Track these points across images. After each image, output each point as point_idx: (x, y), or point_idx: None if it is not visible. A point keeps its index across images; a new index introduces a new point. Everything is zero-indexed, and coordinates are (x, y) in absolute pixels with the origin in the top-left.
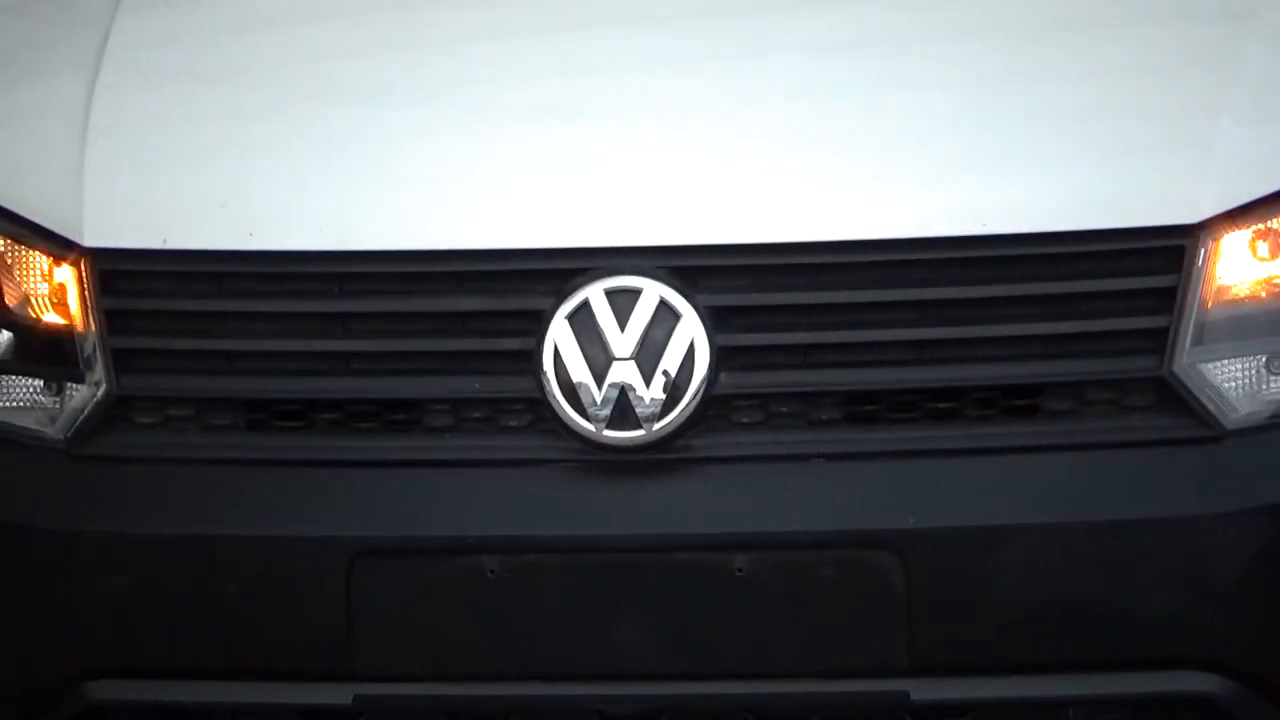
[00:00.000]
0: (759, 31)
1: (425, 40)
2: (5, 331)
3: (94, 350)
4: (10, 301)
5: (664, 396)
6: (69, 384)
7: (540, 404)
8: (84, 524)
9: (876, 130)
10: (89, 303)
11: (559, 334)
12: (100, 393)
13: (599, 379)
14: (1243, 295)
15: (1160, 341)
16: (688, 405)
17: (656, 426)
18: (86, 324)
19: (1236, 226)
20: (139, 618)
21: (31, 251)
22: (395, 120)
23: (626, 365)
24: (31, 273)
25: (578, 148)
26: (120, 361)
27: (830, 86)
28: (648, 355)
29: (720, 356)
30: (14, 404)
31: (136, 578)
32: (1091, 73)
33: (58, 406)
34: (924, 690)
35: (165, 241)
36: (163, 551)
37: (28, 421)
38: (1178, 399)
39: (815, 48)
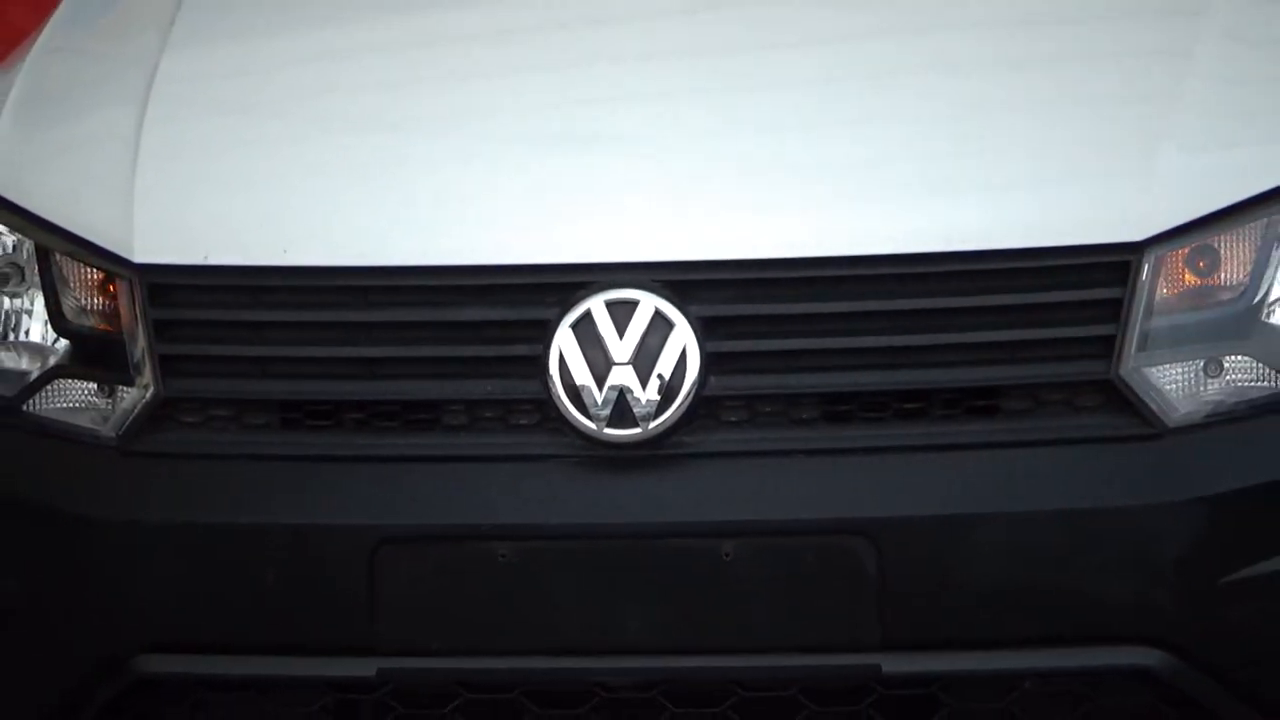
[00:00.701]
0: (742, 70)
1: (446, 76)
2: (63, 339)
3: (143, 356)
4: (68, 313)
5: (658, 398)
6: (120, 387)
7: (546, 405)
8: (134, 514)
9: (850, 158)
10: (138, 313)
11: (564, 341)
12: (148, 395)
13: (599, 382)
14: (1182, 306)
15: (1108, 348)
16: (680, 406)
17: (652, 425)
18: (136, 332)
19: (1177, 244)
20: (184, 598)
21: (87, 268)
22: (417, 149)
23: (625, 370)
24: (87, 287)
25: (580, 173)
26: (167, 366)
27: (807, 118)
28: (644, 360)
29: (709, 362)
30: (71, 405)
31: (182, 562)
32: (1046, 104)
33: (110, 407)
34: (894, 663)
35: (207, 258)
36: (205, 538)
37: (83, 421)
38: (1124, 400)
39: (793, 84)
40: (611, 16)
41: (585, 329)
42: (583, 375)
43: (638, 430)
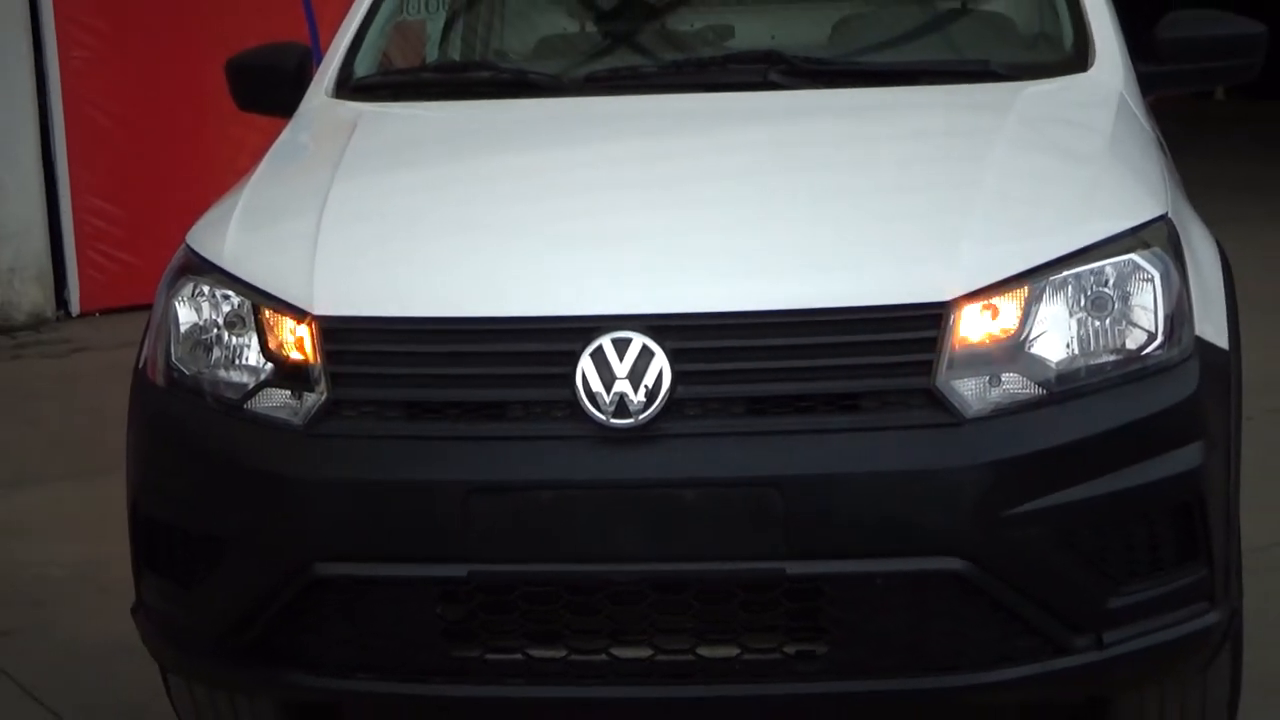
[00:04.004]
0: (694, 194)
1: (513, 195)
2: (269, 363)
3: (319, 374)
4: (273, 346)
5: (645, 400)
6: (304, 393)
7: (574, 405)
8: (314, 473)
9: (762, 248)
10: (316, 346)
11: (585, 365)
12: (323, 398)
13: (608, 390)
14: (975, 341)
15: (928, 368)
16: (659, 405)
17: (641, 418)
18: (315, 358)
19: (972, 302)
20: (346, 526)
21: (284, 317)
22: (494, 244)
23: (624, 382)
24: (284, 329)
25: (596, 260)
26: (335, 380)
27: (735, 223)
28: (636, 377)
29: (678, 378)
30: (274, 404)
31: (345, 503)
32: (889, 215)
33: (298, 406)
34: (794, 568)
35: (360, 311)
36: (360, 488)
37: (281, 414)
38: (938, 401)
39: (725, 203)
40: (616, 158)
41: (599, 357)
42: (597, 386)
43: (632, 421)
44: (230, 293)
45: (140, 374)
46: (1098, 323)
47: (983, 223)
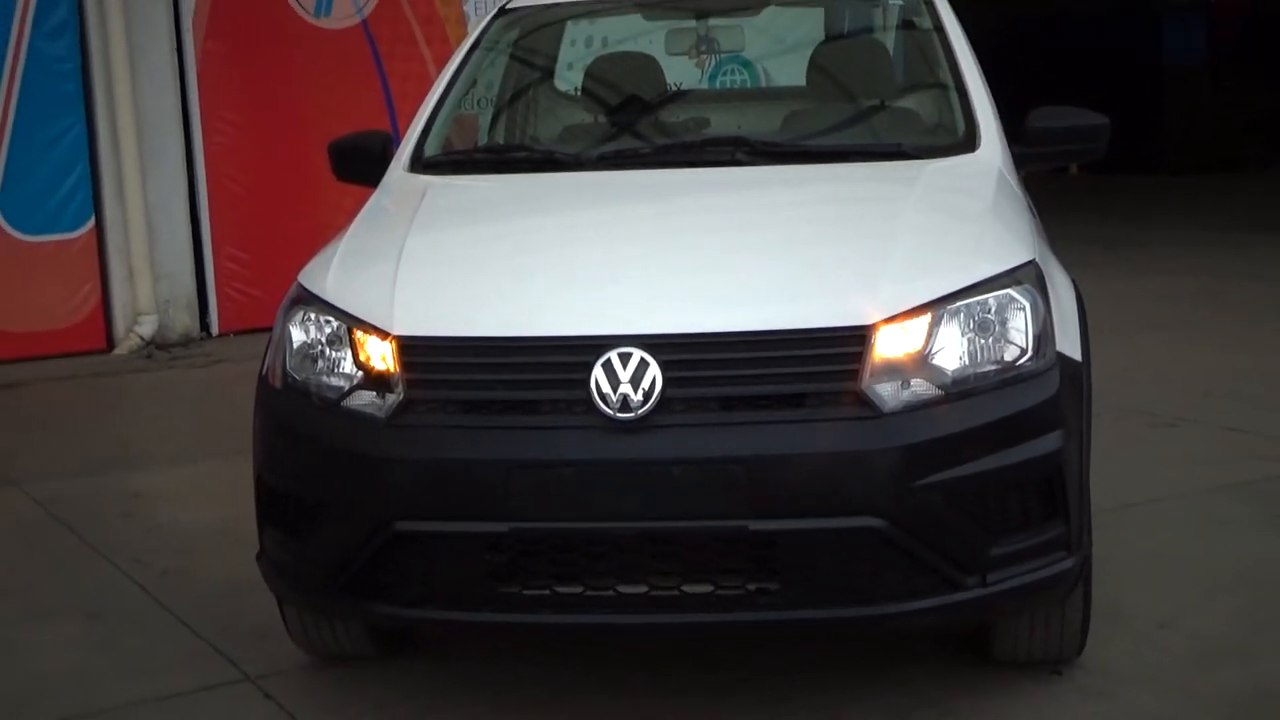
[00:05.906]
0: (681, 243)
1: (547, 245)
2: (360, 371)
3: (397, 379)
4: (362, 358)
5: (643, 399)
6: (386, 393)
7: (589, 402)
8: (394, 454)
9: (731, 284)
10: (395, 358)
11: (598, 372)
12: (400, 398)
13: (614, 391)
14: (891, 355)
15: (856, 374)
16: (653, 403)
17: (640, 412)
18: (394, 368)
19: (888, 325)
20: (418, 492)
21: (370, 336)
22: (533, 282)
23: (627, 386)
24: (371, 346)
25: (606, 292)
26: (409, 384)
27: (710, 265)
28: (636, 381)
29: (667, 382)
30: (363, 402)
31: (416, 474)
32: (829, 258)
33: (382, 403)
34: (755, 525)
35: (429, 332)
36: (428, 465)
37: (369, 410)
38: (863, 400)
39: (704, 249)
40: (621, 217)
41: (608, 366)
42: (606, 388)
43: (632, 415)
44: (331, 318)
45: (263, 379)
46: (983, 341)
47: (896, 265)
